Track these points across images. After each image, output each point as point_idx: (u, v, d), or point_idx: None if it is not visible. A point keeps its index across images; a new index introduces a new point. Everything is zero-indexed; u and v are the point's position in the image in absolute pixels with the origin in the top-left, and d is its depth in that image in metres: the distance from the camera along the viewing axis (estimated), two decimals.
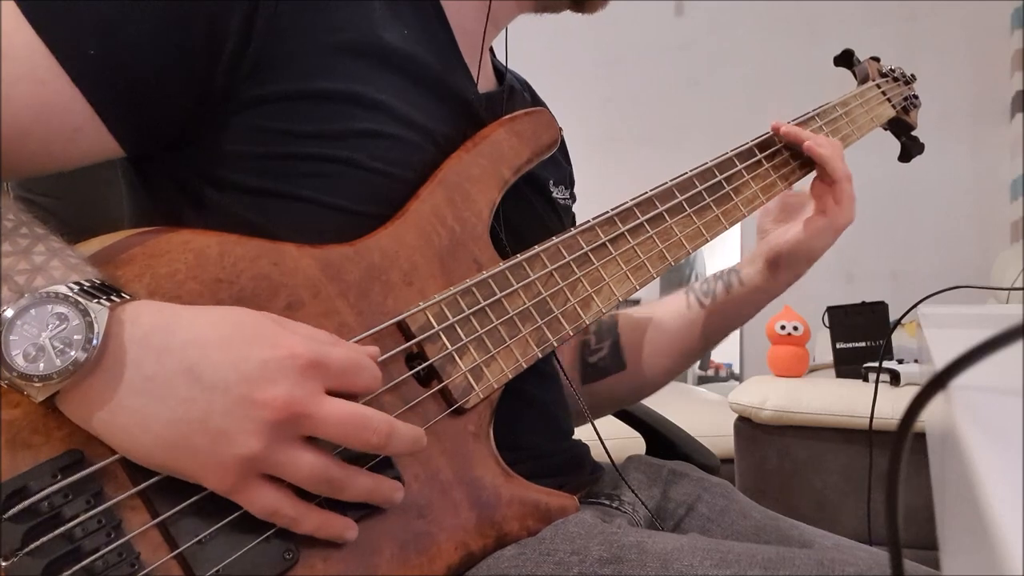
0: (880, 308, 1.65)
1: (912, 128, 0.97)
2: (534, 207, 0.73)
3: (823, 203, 0.78)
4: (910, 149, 0.97)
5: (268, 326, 0.47)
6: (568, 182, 0.82)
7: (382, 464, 0.51)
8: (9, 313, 0.42)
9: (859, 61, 0.96)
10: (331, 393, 0.47)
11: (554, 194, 0.76)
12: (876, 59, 0.98)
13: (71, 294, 0.43)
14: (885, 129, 0.96)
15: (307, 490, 0.47)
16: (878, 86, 0.93)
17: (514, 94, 0.75)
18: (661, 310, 0.83)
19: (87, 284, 0.44)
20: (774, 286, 0.79)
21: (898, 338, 1.67)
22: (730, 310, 0.80)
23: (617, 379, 0.82)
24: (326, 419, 0.45)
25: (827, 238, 0.77)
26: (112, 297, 0.44)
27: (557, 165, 0.76)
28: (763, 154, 0.79)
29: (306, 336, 0.47)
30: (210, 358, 0.44)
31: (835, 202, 0.77)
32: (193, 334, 0.45)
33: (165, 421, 0.43)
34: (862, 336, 1.65)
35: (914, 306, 0.76)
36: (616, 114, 2.94)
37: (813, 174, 0.82)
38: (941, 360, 0.27)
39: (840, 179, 0.76)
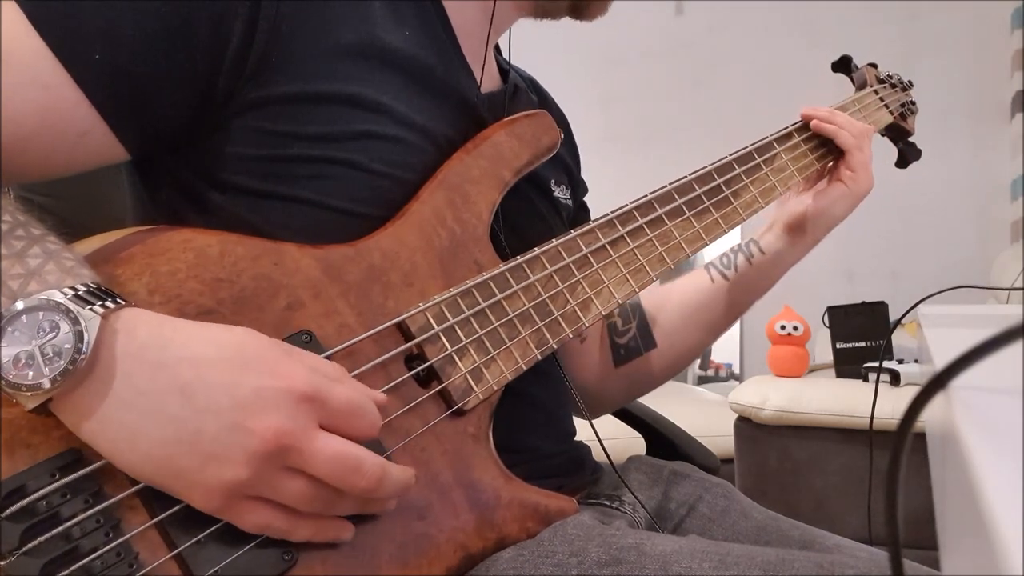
0: (880, 308, 1.65)
1: (909, 134, 0.97)
2: (536, 206, 0.73)
3: (838, 173, 0.82)
4: (907, 155, 0.97)
5: (271, 352, 0.46)
6: (573, 181, 0.82)
7: None
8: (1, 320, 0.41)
9: (857, 67, 0.96)
10: (327, 430, 0.46)
11: (555, 193, 0.76)
12: (874, 65, 0.98)
13: (63, 301, 0.42)
14: (883, 135, 0.96)
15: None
16: (876, 92, 0.93)
17: (518, 93, 0.75)
18: (683, 287, 0.85)
19: (82, 289, 0.43)
20: (794, 251, 0.82)
21: (898, 338, 1.67)
22: (754, 279, 0.83)
23: (650, 357, 0.84)
24: (315, 455, 0.44)
25: (847, 204, 0.81)
26: (106, 303, 0.43)
27: (560, 164, 0.76)
28: (762, 158, 0.79)
29: (311, 368, 0.46)
30: (204, 379, 0.43)
31: (849, 169, 0.81)
32: (190, 351, 0.44)
33: (153, 439, 0.42)
34: (862, 336, 1.64)
35: (914, 306, 0.76)
36: (616, 114, 2.95)
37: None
38: (941, 360, 0.26)
39: (850, 149, 0.81)
